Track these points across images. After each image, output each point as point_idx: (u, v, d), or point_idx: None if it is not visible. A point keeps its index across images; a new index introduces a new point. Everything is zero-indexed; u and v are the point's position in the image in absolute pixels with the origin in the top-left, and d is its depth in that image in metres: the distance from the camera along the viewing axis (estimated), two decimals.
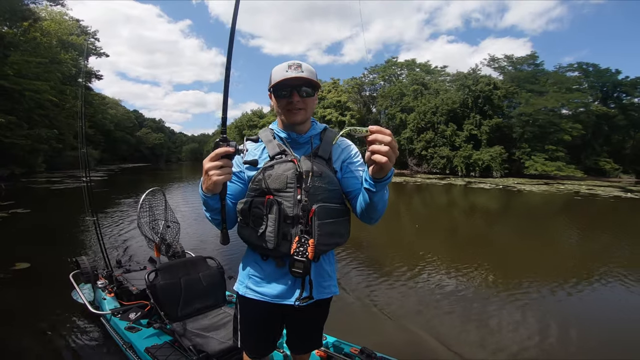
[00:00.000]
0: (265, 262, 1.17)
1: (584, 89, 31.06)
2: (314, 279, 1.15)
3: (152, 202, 2.92)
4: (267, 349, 1.33)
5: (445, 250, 5.78)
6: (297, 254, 1.05)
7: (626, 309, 3.57)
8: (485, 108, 29.73)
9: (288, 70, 1.09)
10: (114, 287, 2.67)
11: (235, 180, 1.19)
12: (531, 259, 5.37)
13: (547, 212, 11.38)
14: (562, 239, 7.11)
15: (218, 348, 1.86)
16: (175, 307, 2.11)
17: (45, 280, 3.72)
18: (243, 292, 1.21)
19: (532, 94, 29.34)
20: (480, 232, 7.76)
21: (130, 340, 2.01)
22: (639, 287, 4.11)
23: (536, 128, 28.39)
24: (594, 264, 5.12)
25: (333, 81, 44.70)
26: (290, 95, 1.10)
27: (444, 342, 2.68)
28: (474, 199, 14.39)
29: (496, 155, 27.91)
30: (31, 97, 18.95)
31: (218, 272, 2.37)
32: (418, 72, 40.61)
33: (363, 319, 3.11)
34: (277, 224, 1.07)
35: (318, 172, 1.10)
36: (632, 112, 33.43)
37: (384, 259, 5.09)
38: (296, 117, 1.13)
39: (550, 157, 27.56)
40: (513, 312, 3.31)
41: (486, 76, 31.58)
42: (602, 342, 2.85)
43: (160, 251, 2.80)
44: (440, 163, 30.66)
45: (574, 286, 4.09)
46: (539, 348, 2.68)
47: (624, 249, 6.30)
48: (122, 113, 64.46)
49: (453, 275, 4.34)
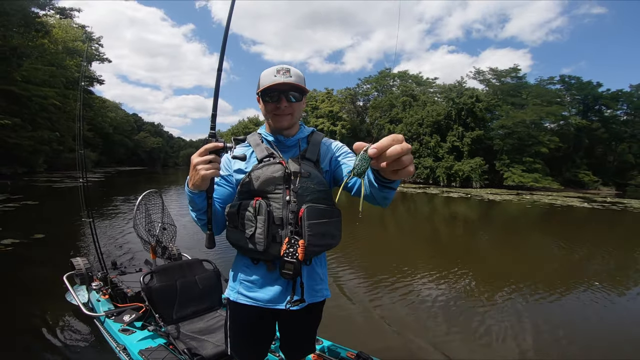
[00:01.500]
0: (256, 266, 1.17)
1: (564, 102, 32.93)
2: (306, 282, 1.16)
3: (148, 204, 2.95)
4: (257, 354, 1.31)
5: (430, 258, 5.96)
6: (287, 255, 1.05)
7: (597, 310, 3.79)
8: (467, 120, 31.59)
9: (277, 75, 1.11)
10: (108, 289, 2.65)
11: (224, 183, 1.21)
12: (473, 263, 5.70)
13: (499, 218, 13.07)
14: (497, 243, 8.01)
15: (213, 351, 1.86)
16: (171, 310, 2.16)
17: (39, 280, 3.84)
18: (234, 297, 1.21)
19: (512, 107, 31.25)
20: (436, 238, 8.50)
21: (124, 342, 2.00)
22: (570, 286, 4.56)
23: (515, 140, 30.16)
24: (525, 264, 5.70)
25: (327, 91, 46.84)
26: (278, 100, 1.13)
27: (440, 348, 2.74)
28: (436, 207, 16.09)
29: (476, 167, 29.66)
30: (37, 101, 20.85)
31: (214, 275, 2.42)
32: (408, 83, 42.72)
33: (359, 324, 3.16)
34: (266, 225, 1.07)
35: (306, 173, 1.11)
36: (613, 125, 35.19)
37: (378, 264, 5.23)
38: (283, 122, 1.16)
39: (528, 168, 29.25)
40: (509, 319, 3.38)
41: (470, 89, 33.57)
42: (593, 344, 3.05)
43: (156, 253, 2.84)
44: (424, 173, 32.39)
45: (530, 287, 4.43)
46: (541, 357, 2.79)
47: (547, 248, 7.27)
48: (122, 116, 66.06)
49: (448, 282, 4.47)
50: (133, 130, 74.33)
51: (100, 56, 35.31)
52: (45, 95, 20.25)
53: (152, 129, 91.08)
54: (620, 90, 35.00)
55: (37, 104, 21.33)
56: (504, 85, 34.35)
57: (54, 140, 23.77)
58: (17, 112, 20.11)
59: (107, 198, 12.00)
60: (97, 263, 3.05)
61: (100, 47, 35.23)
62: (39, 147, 22.74)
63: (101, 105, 45.50)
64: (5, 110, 18.76)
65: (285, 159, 1.15)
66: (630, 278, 5.24)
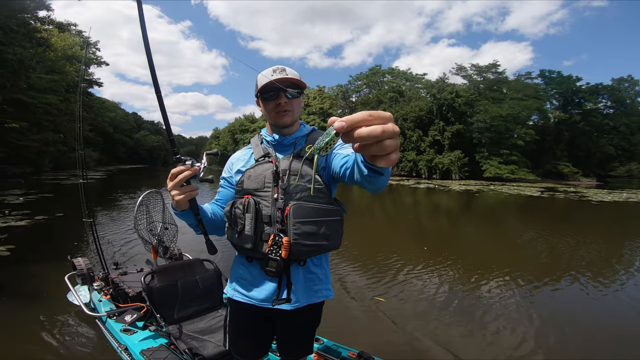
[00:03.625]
0: (251, 264, 1.21)
1: (541, 97, 34.76)
2: (302, 282, 1.19)
3: (149, 203, 2.99)
4: (254, 353, 1.35)
5: (415, 250, 6.13)
6: (271, 252, 1.08)
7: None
8: (448, 115, 33.66)
9: (273, 74, 1.16)
10: (110, 289, 2.70)
11: (227, 185, 1.30)
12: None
13: (459, 206, 14.90)
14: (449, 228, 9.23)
15: (214, 351, 1.90)
16: (172, 310, 2.23)
17: (40, 281, 3.91)
18: (231, 294, 1.27)
19: (489, 102, 33.23)
20: (411, 230, 9.52)
21: (126, 342, 2.05)
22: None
23: (493, 134, 32.18)
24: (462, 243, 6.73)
25: (319, 88, 49.07)
26: (277, 97, 1.16)
27: (445, 346, 2.75)
28: (402, 197, 18.37)
29: (455, 159, 31.83)
30: (42, 106, 23.43)
31: (215, 275, 2.49)
32: (397, 80, 44.76)
33: (361, 323, 3.21)
34: (253, 222, 1.11)
35: (296, 170, 1.13)
36: (594, 118, 36.90)
37: (378, 261, 5.30)
38: (285, 119, 1.20)
39: (505, 160, 31.29)
40: (514, 316, 3.39)
41: (451, 84, 35.57)
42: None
43: (157, 253, 2.89)
44: (408, 166, 34.65)
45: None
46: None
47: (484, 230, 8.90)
48: (121, 116, 68.23)
49: (448, 278, 4.54)
50: (133, 129, 76.52)
51: (98, 60, 37.83)
52: (50, 102, 22.91)
53: (151, 128, 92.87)
54: (599, 84, 36.73)
55: (41, 108, 23.89)
56: (484, 81, 36.27)
57: (58, 141, 26.33)
58: (24, 116, 22.67)
59: (108, 197, 12.78)
60: (98, 263, 3.11)
61: (97, 51, 37.77)
62: (44, 148, 25.25)
63: (101, 106, 47.68)
64: (13, 116, 21.33)
65: (279, 157, 1.20)
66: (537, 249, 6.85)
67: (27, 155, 24.15)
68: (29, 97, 21.36)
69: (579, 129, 36.88)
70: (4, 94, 19.17)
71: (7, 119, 20.32)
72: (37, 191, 12.95)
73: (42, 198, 11.15)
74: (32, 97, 21.66)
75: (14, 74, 18.93)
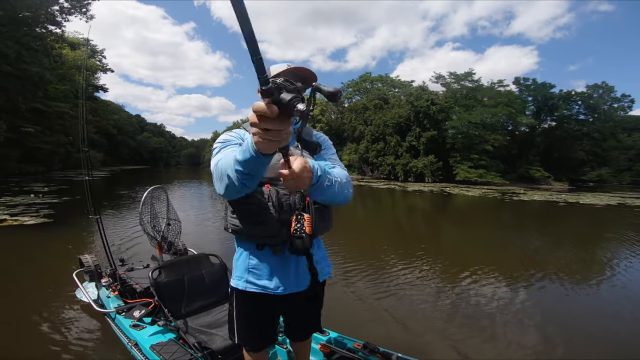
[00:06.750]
0: (262, 251, 1.29)
1: (516, 103, 37.79)
2: (319, 262, 1.34)
3: (154, 200, 3.10)
4: (268, 341, 1.44)
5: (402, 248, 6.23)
6: (296, 231, 1.16)
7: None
8: (424, 122, 37.06)
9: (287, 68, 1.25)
10: (117, 285, 2.77)
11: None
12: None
13: (414, 205, 17.80)
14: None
15: (222, 345, 1.96)
16: (179, 304, 2.31)
17: (49, 278, 4.06)
18: (243, 287, 1.30)
19: (462, 109, 36.53)
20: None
21: (135, 337, 2.12)
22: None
23: (465, 139, 35.44)
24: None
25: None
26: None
27: (446, 338, 2.94)
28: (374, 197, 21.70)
29: (428, 164, 35.21)
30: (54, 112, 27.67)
31: (221, 269, 2.60)
32: (383, 87, 48.37)
33: (366, 315, 3.37)
34: (277, 210, 1.21)
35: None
36: (566, 124, 39.72)
37: (382, 256, 5.46)
38: None
39: (475, 165, 34.49)
40: (520, 310, 3.60)
41: (428, 92, 38.97)
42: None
43: (162, 249, 3.00)
44: (386, 170, 38.15)
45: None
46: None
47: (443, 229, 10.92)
48: (125, 118, 71.93)
49: (451, 273, 4.78)
50: (136, 130, 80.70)
51: (104, 67, 42.13)
52: (62, 111, 27.23)
53: (154, 130, 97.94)
54: (572, 91, 39.63)
55: (53, 113, 28.08)
56: (460, 89, 39.64)
57: (68, 143, 30.43)
58: (39, 121, 26.81)
59: (113, 194, 14.07)
60: (105, 260, 3.18)
61: (103, 59, 42.08)
62: (56, 150, 29.37)
63: (105, 109, 51.70)
64: (29, 121, 25.40)
65: (292, 147, 1.24)
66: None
67: (40, 156, 28.24)
68: (45, 106, 25.66)
69: (554, 135, 39.77)
70: (25, 104, 23.40)
71: (24, 123, 24.43)
72: (54, 184, 16.87)
73: (60, 189, 15.01)
74: (47, 106, 25.98)
75: (34, 86, 23.17)
